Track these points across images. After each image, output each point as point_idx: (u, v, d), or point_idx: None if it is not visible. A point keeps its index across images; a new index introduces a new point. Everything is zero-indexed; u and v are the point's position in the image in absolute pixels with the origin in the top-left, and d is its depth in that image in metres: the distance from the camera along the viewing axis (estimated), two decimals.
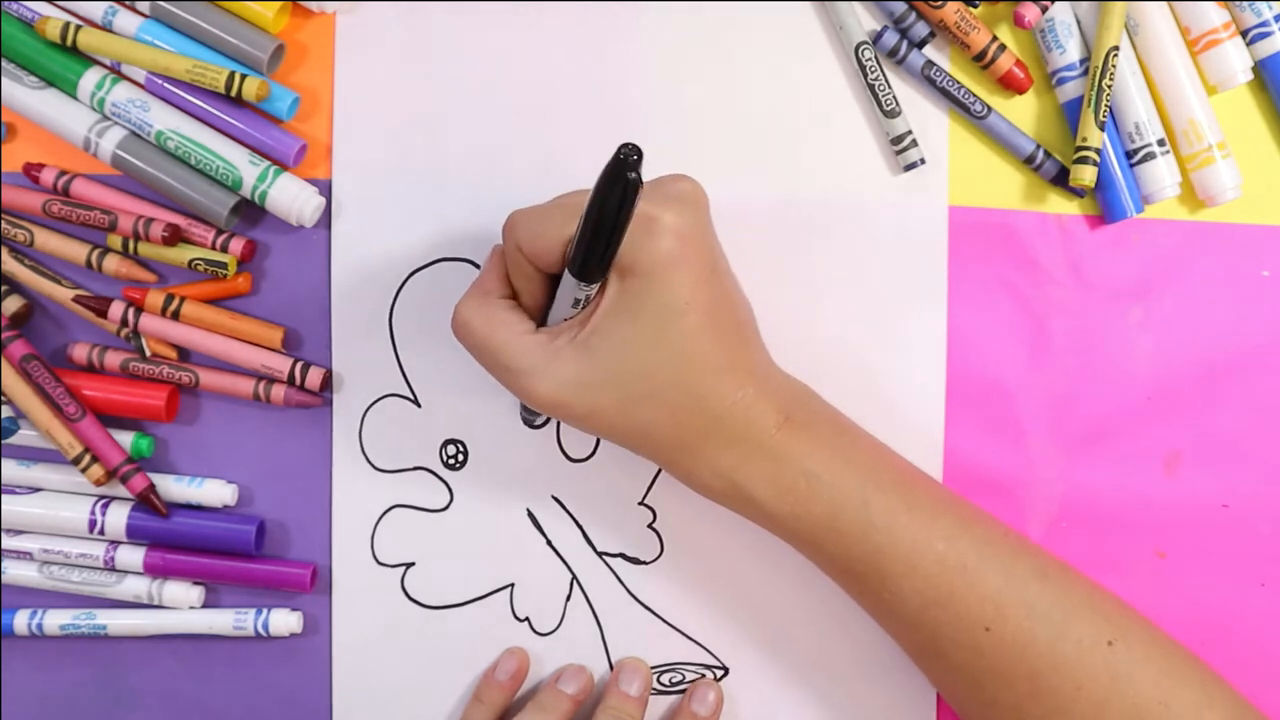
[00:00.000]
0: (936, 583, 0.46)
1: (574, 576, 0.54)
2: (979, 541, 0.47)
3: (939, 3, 0.51)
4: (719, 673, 0.54)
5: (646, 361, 0.45)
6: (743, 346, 0.47)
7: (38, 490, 0.53)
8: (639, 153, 0.39)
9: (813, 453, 0.47)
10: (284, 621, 0.53)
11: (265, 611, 0.53)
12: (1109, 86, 0.50)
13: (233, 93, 0.50)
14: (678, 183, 0.46)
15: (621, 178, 0.40)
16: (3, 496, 0.53)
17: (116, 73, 0.52)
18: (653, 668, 0.54)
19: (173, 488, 0.53)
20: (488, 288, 0.47)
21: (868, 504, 0.46)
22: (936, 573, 0.46)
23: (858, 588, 0.48)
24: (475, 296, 0.47)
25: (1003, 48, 0.51)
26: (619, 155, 0.39)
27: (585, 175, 0.52)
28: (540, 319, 0.48)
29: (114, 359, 0.52)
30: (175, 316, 0.52)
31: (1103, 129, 0.50)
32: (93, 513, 0.52)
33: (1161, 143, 0.51)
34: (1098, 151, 0.50)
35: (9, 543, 0.53)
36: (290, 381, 0.52)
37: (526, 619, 0.54)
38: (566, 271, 0.45)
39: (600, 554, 0.54)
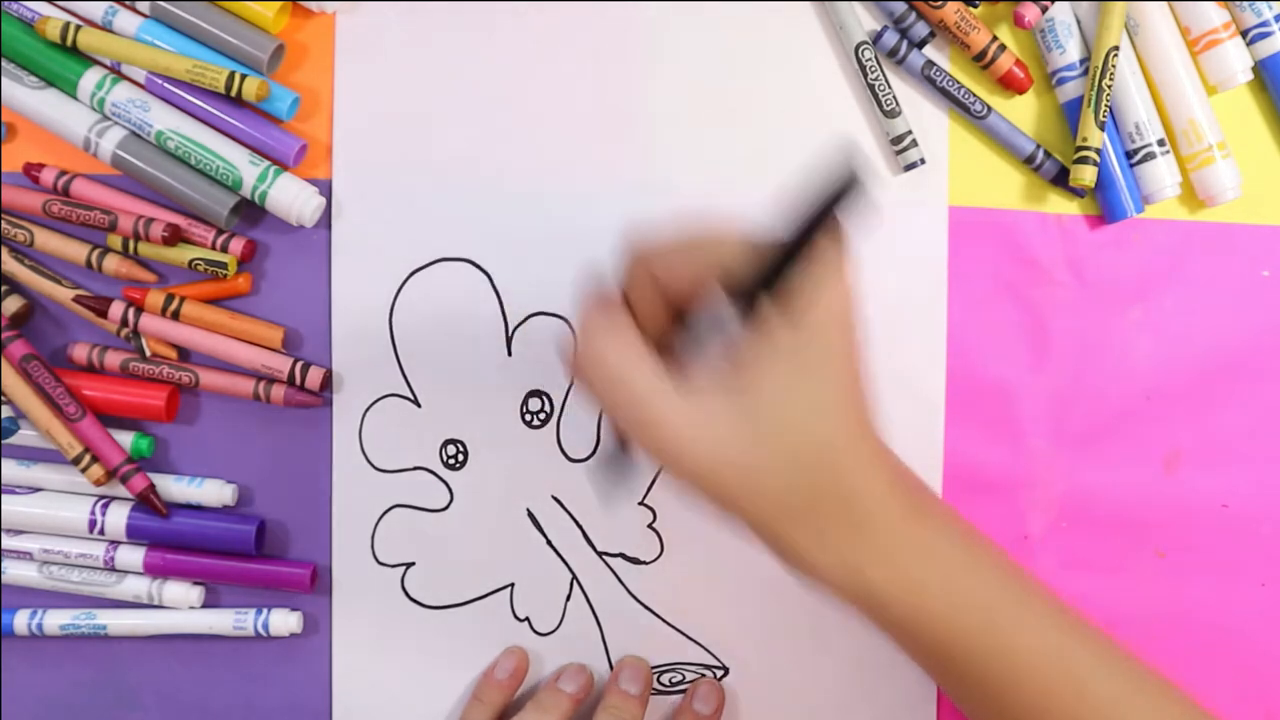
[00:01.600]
0: (1046, 701, 0.43)
1: (574, 576, 0.54)
2: (1091, 654, 0.44)
3: (939, 3, 0.51)
4: (719, 673, 0.54)
5: (807, 424, 0.39)
6: (875, 428, 0.42)
7: (38, 490, 0.53)
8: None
9: (939, 547, 0.43)
10: (284, 621, 0.53)
11: (265, 611, 0.53)
12: (1109, 86, 0.50)
13: (233, 93, 0.50)
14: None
15: (852, 181, 0.34)
16: (3, 496, 0.53)
17: (116, 73, 0.52)
18: (653, 668, 0.54)
19: (173, 488, 0.53)
20: (618, 320, 0.40)
21: (991, 609, 0.43)
22: (1051, 687, 0.43)
23: (957, 689, 0.45)
24: (610, 329, 0.40)
25: (1003, 48, 0.51)
26: (845, 161, 0.33)
27: (585, 174, 0.52)
28: (664, 356, 0.41)
29: (114, 359, 0.52)
30: (175, 316, 0.52)
31: (1103, 129, 0.50)
32: (93, 513, 0.52)
33: (1161, 143, 0.51)
34: (1098, 151, 0.50)
35: (9, 543, 0.53)
36: (290, 381, 0.52)
37: (526, 619, 0.54)
38: (713, 307, 0.39)
39: (600, 554, 0.54)
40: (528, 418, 0.53)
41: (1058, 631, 0.44)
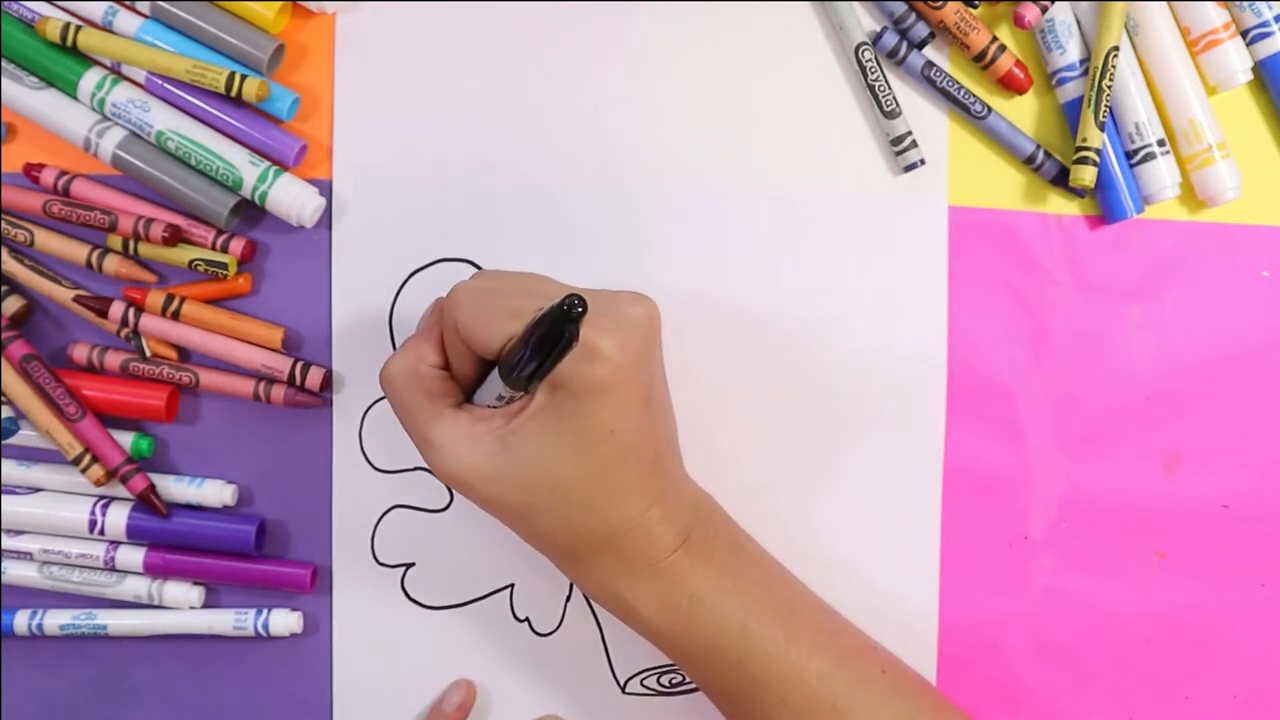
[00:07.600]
0: (805, 717, 0.47)
1: None
2: (852, 680, 0.47)
3: (939, 3, 0.51)
4: None
5: (559, 476, 0.44)
6: (656, 471, 0.46)
7: (38, 490, 0.53)
8: (583, 306, 0.39)
9: (702, 577, 0.47)
10: (284, 621, 0.53)
11: (265, 611, 0.53)
12: (1109, 87, 0.50)
13: (233, 93, 0.50)
14: (632, 306, 0.46)
15: (559, 331, 0.40)
16: (3, 496, 0.53)
17: (116, 73, 0.52)
18: (653, 668, 0.54)
19: (173, 488, 0.53)
20: (422, 351, 0.46)
21: (748, 632, 0.47)
22: (807, 708, 0.47)
23: (730, 708, 0.49)
24: (408, 357, 0.46)
25: (1003, 48, 0.51)
26: (562, 308, 0.40)
27: (585, 174, 0.52)
28: (468, 391, 0.47)
29: (114, 359, 0.52)
30: (175, 317, 0.52)
31: (1103, 129, 0.50)
32: (93, 513, 0.52)
33: (1161, 143, 0.51)
34: (1098, 152, 0.50)
35: (9, 543, 0.53)
36: (290, 381, 0.52)
37: (526, 619, 0.54)
38: (498, 367, 0.44)
39: None
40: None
41: (819, 657, 0.47)
